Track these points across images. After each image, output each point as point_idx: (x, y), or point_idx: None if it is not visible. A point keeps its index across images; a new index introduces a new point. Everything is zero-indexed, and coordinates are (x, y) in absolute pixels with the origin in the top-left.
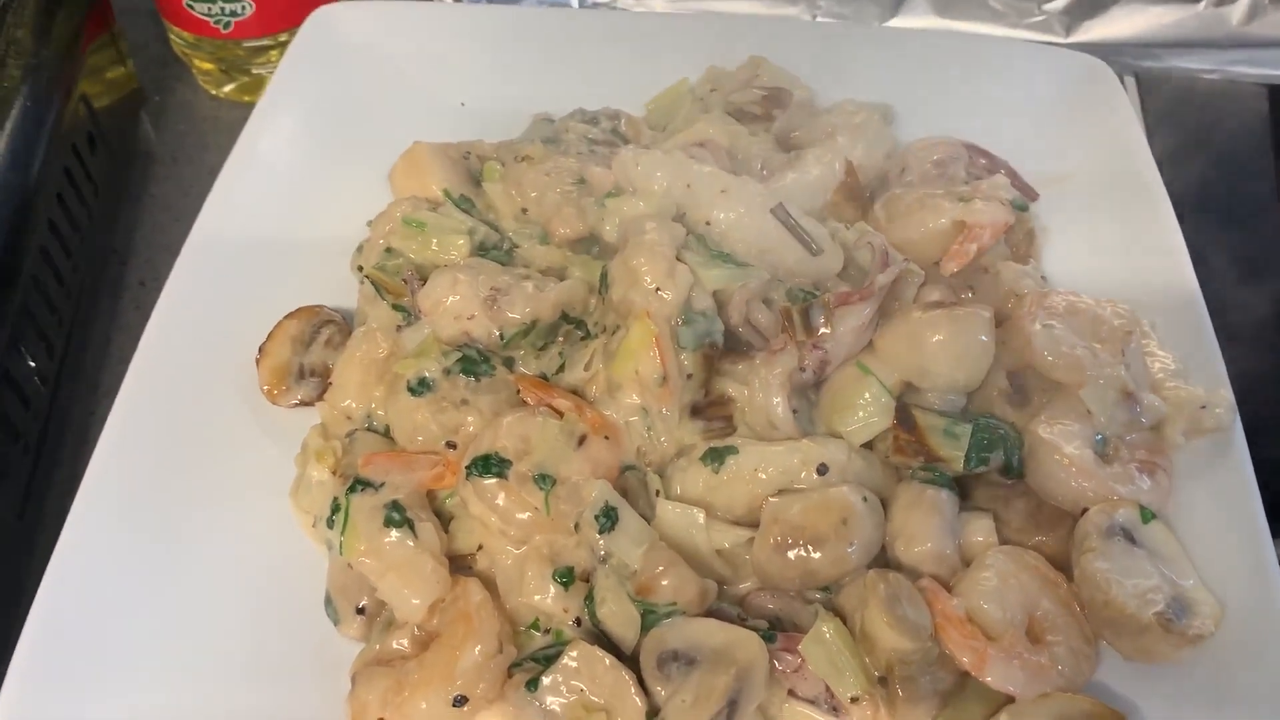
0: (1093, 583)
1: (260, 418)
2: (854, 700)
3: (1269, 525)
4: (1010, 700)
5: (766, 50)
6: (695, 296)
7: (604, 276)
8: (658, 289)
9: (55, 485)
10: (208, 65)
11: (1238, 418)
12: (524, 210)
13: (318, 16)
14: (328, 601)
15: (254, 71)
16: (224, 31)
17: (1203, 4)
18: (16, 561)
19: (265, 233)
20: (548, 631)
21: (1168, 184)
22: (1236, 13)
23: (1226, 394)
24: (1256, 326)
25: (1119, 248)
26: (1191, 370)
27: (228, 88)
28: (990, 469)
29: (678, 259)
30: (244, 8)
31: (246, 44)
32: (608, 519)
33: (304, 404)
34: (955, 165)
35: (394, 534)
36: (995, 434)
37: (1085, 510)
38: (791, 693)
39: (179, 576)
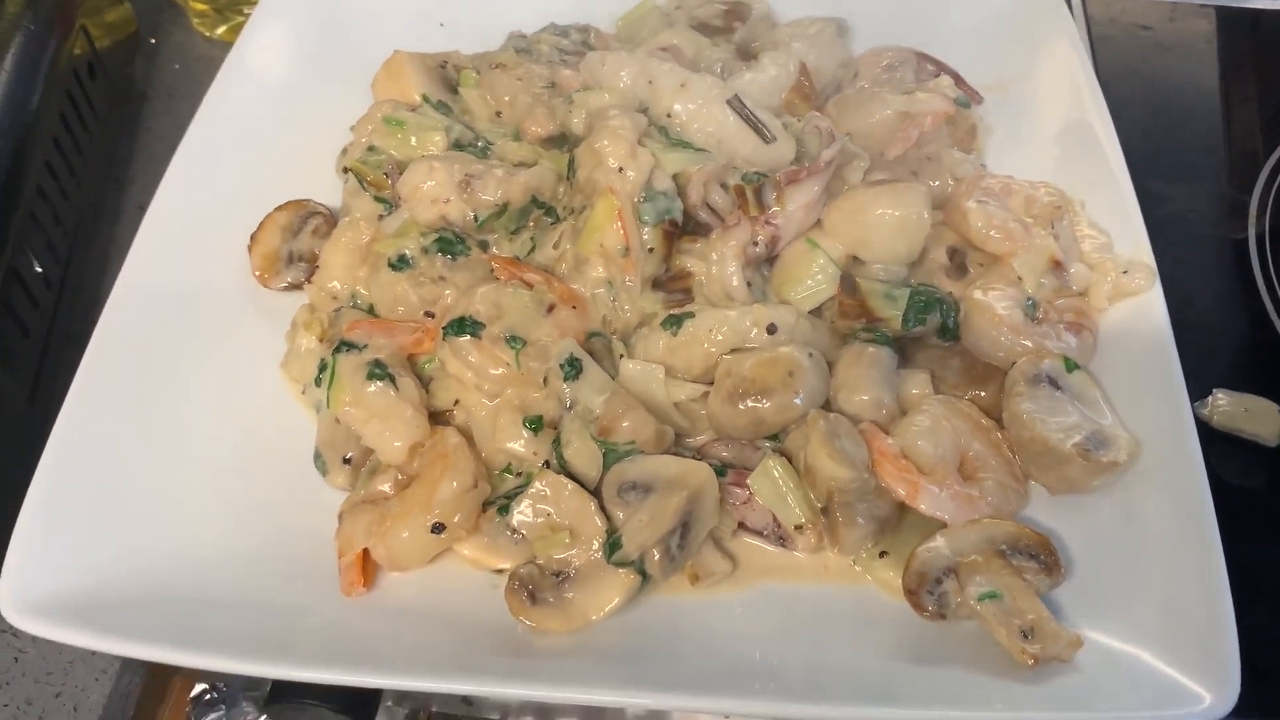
0: (1019, 422)
1: (253, 300)
2: (798, 528)
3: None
4: (943, 527)
5: None
6: (656, 177)
7: (571, 161)
8: (621, 168)
9: (62, 374)
10: (202, 6)
11: (1158, 281)
12: (498, 114)
13: None
14: (316, 456)
15: (246, 12)
16: None
17: None
18: (28, 444)
19: (256, 136)
20: (519, 475)
21: (1112, 89)
22: None
23: (1148, 260)
24: (1191, 221)
25: (1055, 144)
26: (1118, 246)
27: (220, 29)
28: (928, 330)
29: (640, 144)
30: None
31: None
32: (572, 368)
33: (293, 287)
34: (904, 69)
35: (376, 385)
36: (932, 297)
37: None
38: (741, 524)
39: (179, 438)
